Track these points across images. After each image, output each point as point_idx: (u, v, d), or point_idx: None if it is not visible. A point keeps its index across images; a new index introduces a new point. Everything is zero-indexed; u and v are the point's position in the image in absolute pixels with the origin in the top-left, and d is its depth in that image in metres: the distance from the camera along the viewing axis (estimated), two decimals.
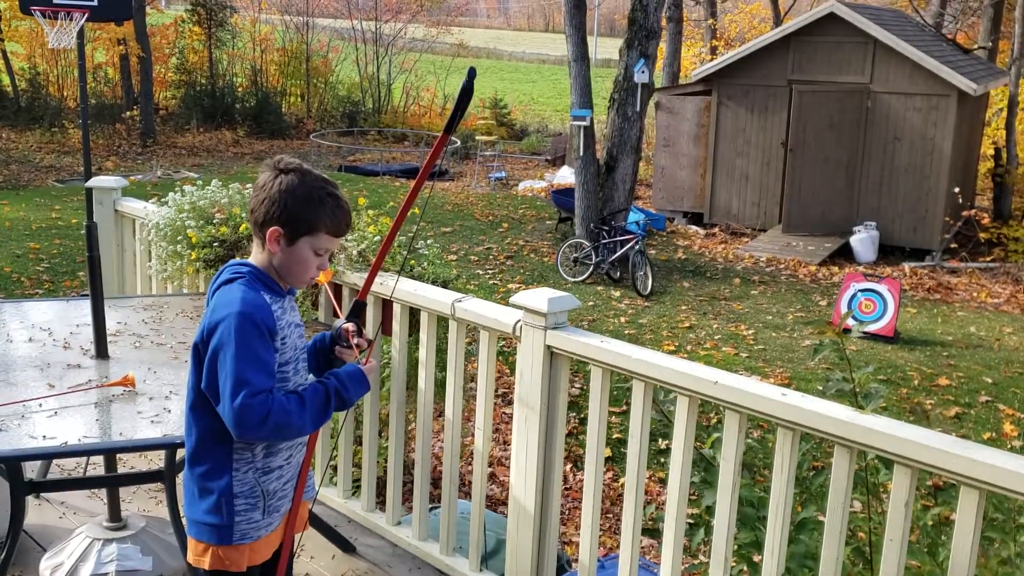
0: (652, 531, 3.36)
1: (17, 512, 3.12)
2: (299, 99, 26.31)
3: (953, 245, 14.75)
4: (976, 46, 18.27)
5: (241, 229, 4.09)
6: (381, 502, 3.80)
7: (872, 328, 9.42)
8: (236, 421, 2.02)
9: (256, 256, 2.18)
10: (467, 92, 2.18)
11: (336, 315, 3.84)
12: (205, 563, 2.19)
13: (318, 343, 2.34)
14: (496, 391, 6.72)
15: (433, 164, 2.27)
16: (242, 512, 2.18)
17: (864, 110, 14.27)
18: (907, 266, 13.53)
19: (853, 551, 2.81)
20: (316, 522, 3.56)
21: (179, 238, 4.24)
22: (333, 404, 2.17)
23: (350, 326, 2.29)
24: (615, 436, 6.56)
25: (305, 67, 26.00)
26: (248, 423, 2.02)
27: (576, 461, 6.27)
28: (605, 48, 41.69)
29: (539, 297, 2.99)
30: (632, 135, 12.25)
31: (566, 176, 17.80)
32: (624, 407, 6.71)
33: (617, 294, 10.95)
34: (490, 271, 11.36)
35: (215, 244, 4.15)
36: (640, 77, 11.98)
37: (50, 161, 18.19)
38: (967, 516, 2.14)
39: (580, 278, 11.47)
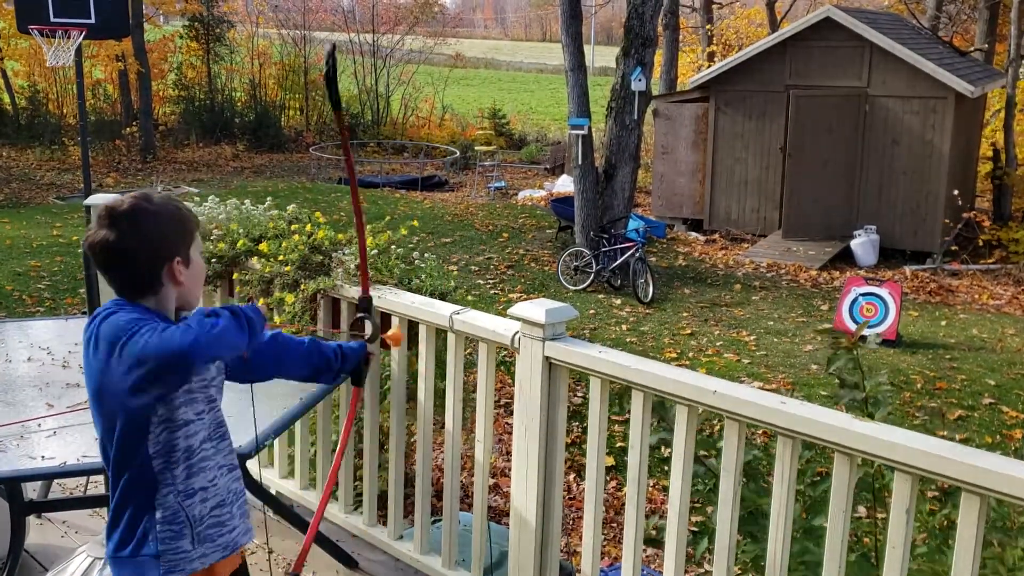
0: (656, 539, 3.35)
1: (18, 532, 3.12)
2: (298, 112, 26.37)
3: (954, 247, 14.74)
4: (972, 48, 18.30)
5: (239, 245, 4.09)
6: (383, 515, 3.79)
7: (874, 332, 9.40)
8: (191, 330, 1.87)
9: (149, 304, 2.07)
10: (330, 78, 2.26)
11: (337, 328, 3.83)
12: None
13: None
14: (498, 401, 6.72)
15: (348, 146, 2.55)
16: (167, 540, 2.08)
17: (862, 114, 14.28)
18: (908, 269, 13.51)
19: (860, 557, 2.80)
20: (318, 538, 3.55)
21: None
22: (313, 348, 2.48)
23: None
24: (618, 445, 6.55)
25: (303, 80, 26.06)
26: (198, 326, 1.89)
27: (579, 470, 6.26)
28: (602, 56, 41.76)
29: (537, 308, 2.98)
30: (630, 143, 12.26)
31: (565, 185, 17.82)
32: (626, 415, 6.69)
33: (618, 302, 10.94)
34: (491, 281, 11.36)
35: (213, 261, 4.15)
36: (637, 85, 11.99)
37: (50, 178, 18.23)
38: (968, 522, 2.13)
39: (581, 286, 11.46)
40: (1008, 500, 2.07)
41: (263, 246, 3.97)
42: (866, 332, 8.81)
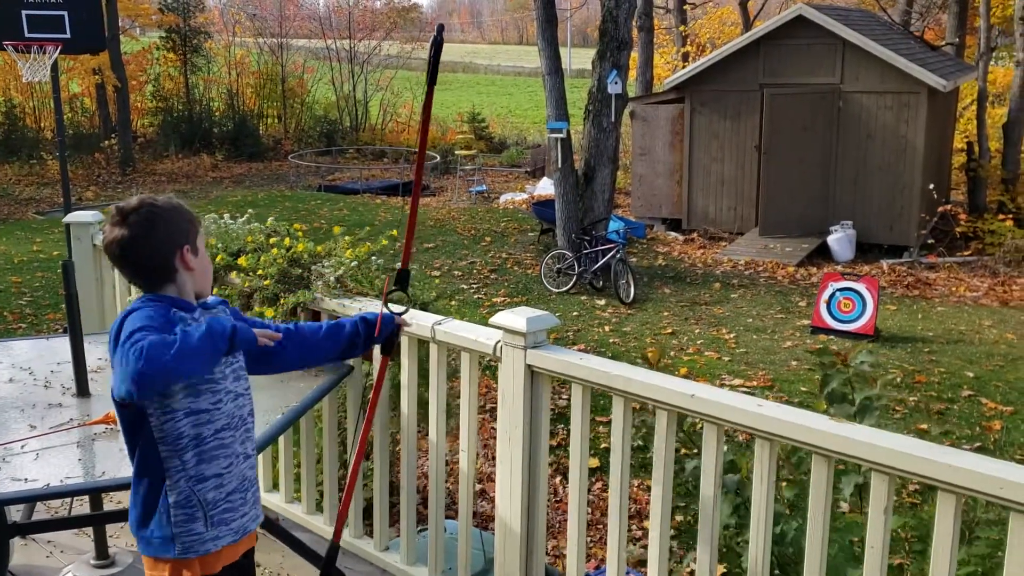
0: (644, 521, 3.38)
1: (2, 555, 3.11)
2: (276, 121, 26.31)
3: (930, 241, 14.88)
4: (943, 43, 18.48)
5: (218, 260, 4.09)
6: (368, 525, 3.80)
7: (852, 327, 9.49)
8: (145, 358, 1.93)
9: (171, 292, 2.23)
10: (437, 45, 2.45)
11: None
12: None
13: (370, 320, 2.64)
14: (483, 406, 6.73)
15: (427, 132, 2.71)
16: (182, 523, 2.20)
17: (836, 110, 14.40)
18: (885, 263, 13.63)
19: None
20: (304, 551, 3.55)
21: None
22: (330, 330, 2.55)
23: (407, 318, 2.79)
24: (603, 446, 6.58)
25: (281, 89, 26.01)
26: (155, 356, 1.94)
27: (565, 472, 6.27)
28: (579, 58, 41.89)
29: (518, 317, 3.01)
30: (608, 145, 12.31)
31: (546, 187, 17.87)
32: (610, 416, 6.72)
33: (601, 303, 10.99)
34: (474, 285, 11.38)
35: None
36: (613, 88, 12.05)
37: (29, 193, 18.12)
38: (945, 520, 2.17)
39: (564, 288, 11.51)
40: (984, 499, 2.11)
41: (242, 260, 3.97)
42: (842, 328, 8.85)
